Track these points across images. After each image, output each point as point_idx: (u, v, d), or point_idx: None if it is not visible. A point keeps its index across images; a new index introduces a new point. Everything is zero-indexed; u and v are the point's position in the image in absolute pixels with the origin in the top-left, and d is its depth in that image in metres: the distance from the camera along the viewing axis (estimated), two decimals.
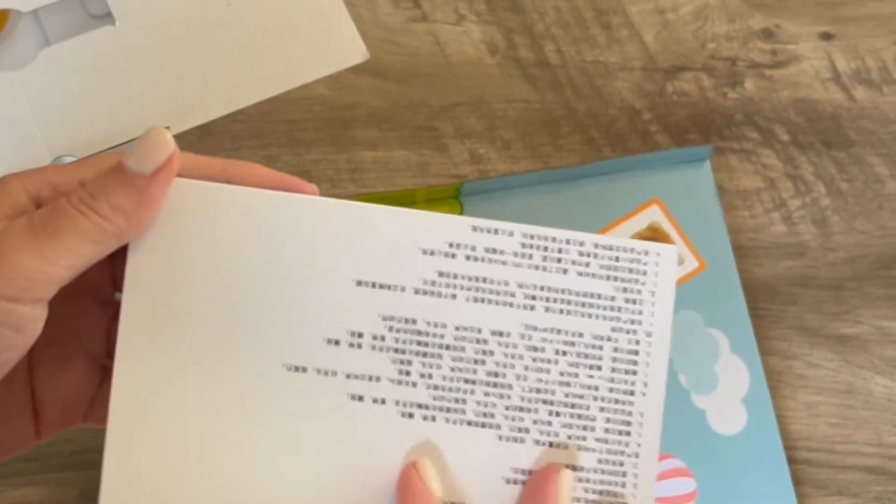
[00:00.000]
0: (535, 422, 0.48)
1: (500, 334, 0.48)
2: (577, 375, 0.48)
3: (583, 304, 0.49)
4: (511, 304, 0.48)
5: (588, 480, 0.48)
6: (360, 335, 0.47)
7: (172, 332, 0.46)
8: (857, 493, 0.66)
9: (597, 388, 0.48)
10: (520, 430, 0.48)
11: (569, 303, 0.49)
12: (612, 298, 0.49)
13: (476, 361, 0.48)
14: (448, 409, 0.48)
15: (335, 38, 0.70)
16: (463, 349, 0.48)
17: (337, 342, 0.47)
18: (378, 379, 0.47)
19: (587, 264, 0.48)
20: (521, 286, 0.48)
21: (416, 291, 0.48)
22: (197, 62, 0.68)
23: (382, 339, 0.47)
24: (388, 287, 0.47)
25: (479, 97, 0.71)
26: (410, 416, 0.47)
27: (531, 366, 0.48)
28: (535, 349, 0.48)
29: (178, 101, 0.67)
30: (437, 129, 0.70)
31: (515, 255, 0.48)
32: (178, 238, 0.46)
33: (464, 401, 0.48)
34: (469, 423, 0.48)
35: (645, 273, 0.49)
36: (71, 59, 0.67)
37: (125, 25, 0.67)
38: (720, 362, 0.66)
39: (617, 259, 0.49)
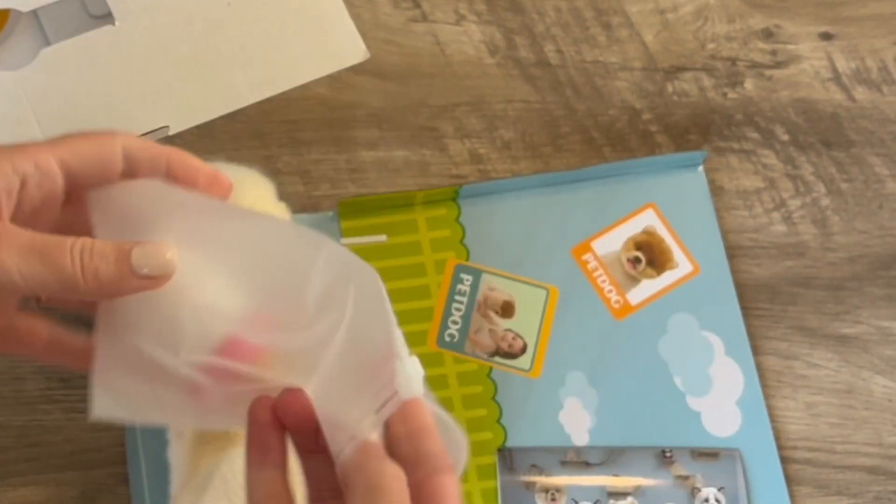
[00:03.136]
0: None
1: None
2: None
3: None
4: None
5: None
6: None
7: None
8: (857, 493, 0.66)
9: None
10: None
11: None
12: None
13: None
14: None
15: (335, 38, 0.70)
16: None
17: None
18: None
19: None
20: None
21: None
22: (197, 62, 0.68)
23: None
24: None
25: (479, 97, 0.71)
26: None
27: None
28: None
29: (178, 101, 0.67)
30: (437, 129, 0.70)
31: None
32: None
33: None
34: None
35: None
36: (71, 59, 0.67)
37: (125, 25, 0.68)
38: (714, 365, 0.67)
39: None
